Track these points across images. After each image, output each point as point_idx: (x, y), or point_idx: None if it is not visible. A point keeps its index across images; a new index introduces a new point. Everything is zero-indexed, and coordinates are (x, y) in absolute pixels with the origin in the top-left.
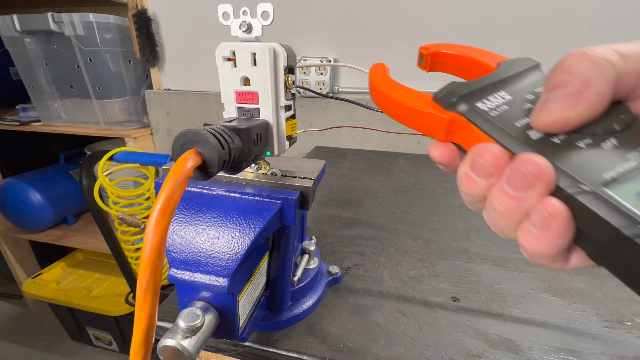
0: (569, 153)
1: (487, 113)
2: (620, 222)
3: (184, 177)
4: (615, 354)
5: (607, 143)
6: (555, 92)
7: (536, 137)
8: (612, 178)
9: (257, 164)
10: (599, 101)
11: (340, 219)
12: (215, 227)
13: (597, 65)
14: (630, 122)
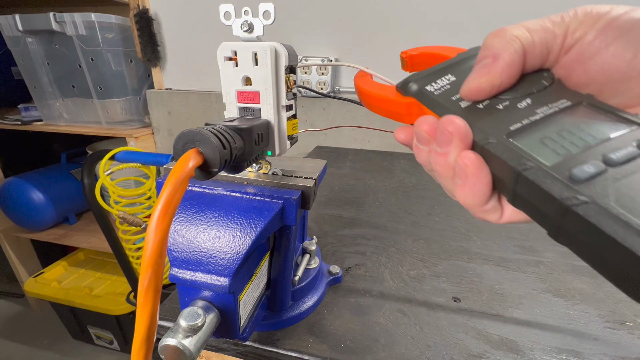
0: (487, 114)
1: (432, 93)
2: (514, 162)
3: (185, 177)
4: (616, 354)
5: (522, 103)
6: (475, 66)
7: (465, 105)
8: (516, 129)
9: (259, 163)
10: (509, 69)
11: (341, 218)
12: (217, 226)
13: (505, 40)
14: (549, 84)
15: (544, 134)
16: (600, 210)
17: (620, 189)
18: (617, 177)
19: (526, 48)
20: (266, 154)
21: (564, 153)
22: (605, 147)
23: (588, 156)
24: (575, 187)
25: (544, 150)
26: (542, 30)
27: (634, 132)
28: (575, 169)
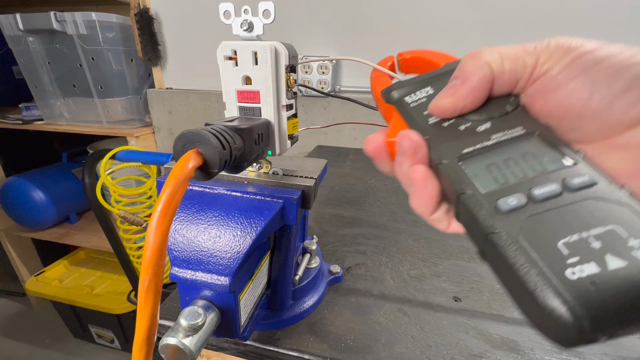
0: (449, 133)
1: (409, 105)
2: (456, 186)
3: (185, 178)
4: (617, 354)
5: (482, 126)
6: (447, 84)
7: (432, 121)
8: (467, 152)
9: (259, 163)
10: (474, 93)
11: (342, 218)
12: (217, 226)
13: (477, 64)
14: (512, 110)
15: (491, 160)
16: (509, 242)
17: (532, 224)
18: (533, 213)
19: (495, 75)
20: (266, 154)
21: (501, 182)
22: (535, 182)
23: (518, 188)
24: (496, 216)
25: (485, 176)
26: (514, 58)
27: (564, 171)
28: (500, 200)
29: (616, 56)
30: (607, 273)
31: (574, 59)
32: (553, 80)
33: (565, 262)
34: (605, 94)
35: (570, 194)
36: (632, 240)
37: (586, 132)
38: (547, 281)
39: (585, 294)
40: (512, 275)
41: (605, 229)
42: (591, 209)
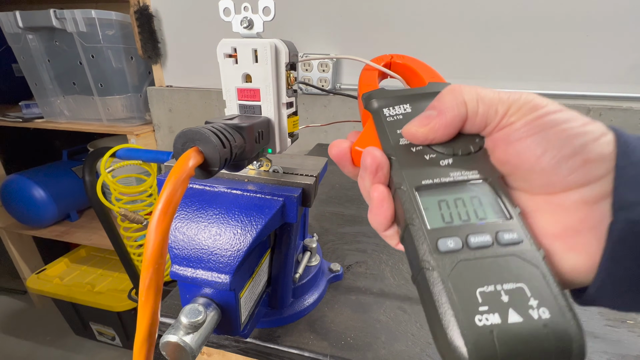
0: (414, 159)
1: (385, 118)
2: (407, 214)
3: (185, 176)
4: (617, 352)
5: (444, 161)
6: (424, 111)
7: (403, 142)
8: (425, 185)
9: (259, 161)
10: (445, 128)
11: (342, 216)
12: (217, 224)
13: (455, 101)
14: (475, 151)
15: (444, 197)
16: (438, 281)
17: (460, 269)
18: (464, 258)
19: (469, 115)
20: (267, 152)
21: (447, 221)
22: (474, 228)
23: (457, 232)
24: (433, 254)
25: (434, 212)
26: (489, 103)
27: (500, 223)
28: (440, 240)
29: (571, 122)
30: (505, 325)
31: (537, 117)
32: (515, 133)
33: (477, 309)
34: (554, 155)
35: (498, 247)
36: (533, 300)
37: (533, 185)
38: (458, 323)
39: (483, 340)
40: (432, 308)
41: (515, 286)
42: (510, 265)
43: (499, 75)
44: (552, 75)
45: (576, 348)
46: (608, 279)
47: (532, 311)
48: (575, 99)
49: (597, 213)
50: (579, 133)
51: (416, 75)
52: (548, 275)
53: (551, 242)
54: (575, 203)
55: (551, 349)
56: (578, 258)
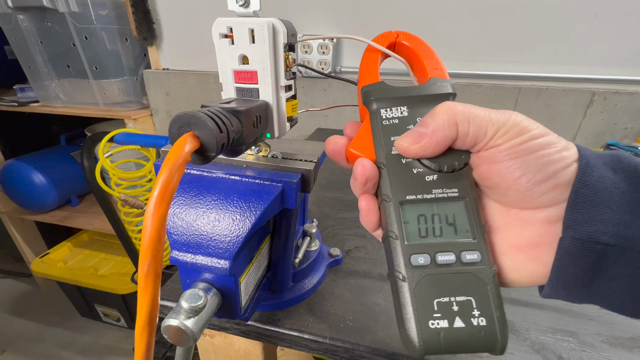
0: (402, 172)
1: (382, 120)
2: (390, 226)
3: (181, 162)
4: (611, 334)
5: (430, 177)
6: (416, 127)
7: (395, 152)
8: (409, 200)
9: (257, 146)
10: (435, 147)
11: (342, 201)
12: (216, 210)
13: (447, 122)
14: (459, 168)
15: (424, 211)
16: (406, 289)
17: (425, 281)
18: (430, 273)
19: (459, 136)
20: (265, 136)
21: (422, 235)
22: (442, 247)
23: (429, 249)
24: (406, 266)
25: (413, 226)
26: (479, 125)
27: (465, 243)
28: (413, 256)
29: (550, 147)
30: (451, 329)
31: (521, 142)
32: (499, 154)
33: (432, 315)
34: (530, 178)
35: (459, 265)
36: (476, 311)
37: (508, 200)
38: (416, 325)
39: (432, 339)
40: (400, 308)
41: (465, 299)
42: (465, 281)
43: (503, 58)
44: (557, 58)
45: (499, 347)
46: (558, 282)
47: (473, 319)
48: (580, 82)
49: (556, 230)
50: (555, 160)
51: (420, 63)
52: (494, 291)
53: (515, 253)
54: (540, 221)
55: (481, 347)
56: (537, 267)
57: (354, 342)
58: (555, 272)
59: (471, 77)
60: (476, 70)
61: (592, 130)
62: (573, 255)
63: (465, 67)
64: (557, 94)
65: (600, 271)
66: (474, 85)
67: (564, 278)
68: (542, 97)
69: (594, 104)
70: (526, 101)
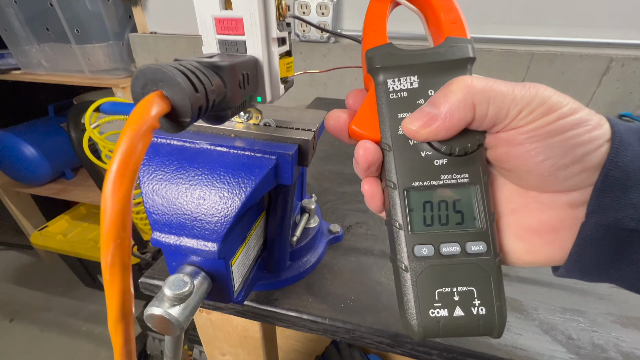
0: (409, 155)
1: (388, 93)
2: (393, 213)
3: (146, 128)
4: (621, 314)
5: (439, 161)
6: (427, 106)
7: (401, 132)
8: (415, 187)
9: (247, 112)
10: (448, 131)
11: (342, 175)
12: (200, 186)
13: (463, 103)
14: (472, 151)
15: (430, 198)
16: (407, 278)
17: (428, 272)
18: (433, 264)
19: (476, 118)
20: (255, 101)
21: (427, 224)
22: (447, 237)
23: (433, 239)
24: (409, 256)
25: (418, 214)
26: (500, 104)
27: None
28: (417, 246)
29: (580, 127)
30: (450, 317)
31: (547, 123)
32: (521, 136)
33: (433, 304)
34: (555, 162)
35: (464, 256)
36: (477, 300)
37: (527, 183)
38: (416, 313)
39: (431, 326)
40: (401, 295)
41: (467, 289)
42: (469, 272)
43: (517, 20)
44: (573, 21)
45: (496, 333)
46: (575, 266)
47: (473, 308)
48: (597, 47)
49: (578, 214)
50: (584, 141)
51: (436, 15)
52: (496, 280)
53: (530, 236)
54: (561, 205)
55: (479, 333)
56: (553, 251)
57: (355, 322)
58: (573, 256)
59: (481, 42)
60: (487, 34)
61: (606, 99)
62: (595, 242)
63: (475, 31)
64: (572, 60)
65: (622, 256)
66: (484, 50)
67: (582, 262)
68: (556, 64)
69: (611, 71)
70: (538, 68)
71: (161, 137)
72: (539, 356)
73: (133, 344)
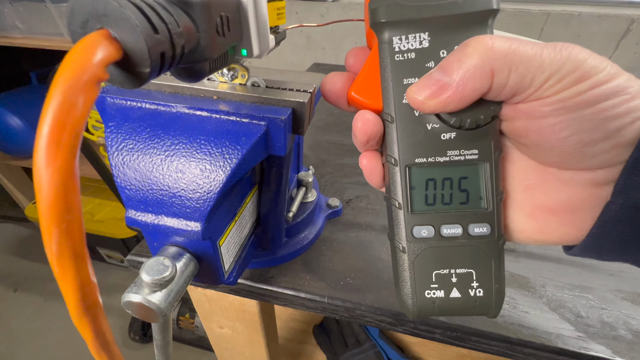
0: (414, 128)
1: (394, 53)
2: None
3: (88, 79)
4: (632, 290)
5: (447, 135)
6: (437, 72)
7: (406, 101)
8: (418, 163)
9: (231, 69)
10: (460, 102)
11: (342, 146)
12: (178, 157)
13: (481, 71)
14: (484, 124)
15: (434, 175)
16: (405, 259)
17: (426, 254)
18: (433, 245)
19: (493, 88)
20: (240, 54)
21: (429, 203)
22: (449, 218)
23: (434, 220)
24: (408, 237)
25: (420, 192)
26: (524, 71)
27: (476, 214)
28: (416, 227)
29: (616, 97)
30: (446, 299)
31: (578, 93)
32: (545, 108)
33: (429, 285)
34: (582, 138)
35: (466, 238)
36: (475, 282)
37: (546, 159)
38: (412, 293)
39: (426, 306)
40: (397, 275)
41: (466, 271)
42: (470, 254)
43: None
44: None
45: (492, 314)
46: (592, 247)
47: (471, 290)
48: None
49: (602, 194)
50: (619, 113)
51: None
52: (497, 263)
53: (545, 215)
54: (582, 183)
55: (474, 313)
56: (568, 231)
57: (354, 301)
58: (592, 237)
59: None
60: None
61: (622, 65)
62: (619, 224)
63: None
64: (589, 21)
65: None
66: None
67: (601, 243)
68: (572, 25)
69: (630, 33)
70: (553, 30)
71: (130, 99)
72: (546, 334)
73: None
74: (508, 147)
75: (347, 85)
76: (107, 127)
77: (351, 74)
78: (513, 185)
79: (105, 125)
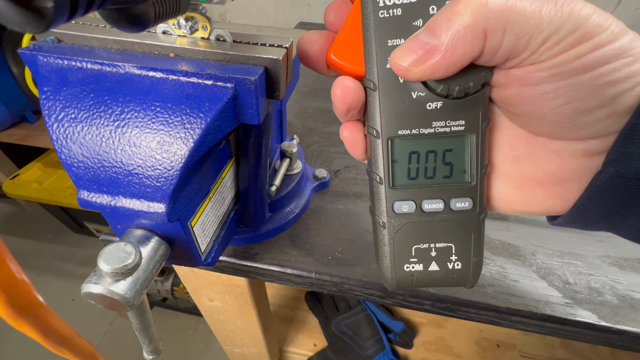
0: (397, 96)
1: (378, 9)
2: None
3: None
4: (619, 256)
5: (433, 104)
6: (423, 33)
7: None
8: (401, 135)
9: (189, 19)
10: (448, 68)
11: (329, 112)
12: (130, 128)
13: (472, 32)
14: (474, 92)
15: (418, 148)
16: (385, 234)
17: (407, 229)
18: (414, 220)
19: (485, 51)
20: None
21: (412, 177)
22: (432, 192)
23: (417, 194)
24: (386, 214)
25: (402, 166)
26: (520, 32)
27: (458, 188)
28: (397, 202)
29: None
30: (425, 272)
31: (577, 56)
32: (540, 74)
33: (409, 259)
34: (577, 107)
35: (447, 213)
36: (454, 256)
37: (537, 129)
38: (391, 267)
39: (404, 279)
40: (377, 248)
41: (445, 245)
42: (450, 227)
43: None
44: None
45: (468, 284)
46: (577, 217)
47: (449, 263)
48: None
49: (592, 165)
50: (619, 78)
51: None
52: (477, 237)
53: (532, 187)
54: (573, 154)
55: (451, 284)
56: (554, 202)
57: (343, 275)
58: (577, 207)
59: None
60: None
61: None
62: (607, 194)
63: None
64: None
65: (631, 208)
66: None
67: (586, 214)
68: None
69: None
70: None
71: (69, 57)
72: (535, 302)
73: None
74: (497, 116)
75: (327, 46)
76: (41, 92)
77: (331, 33)
78: (500, 156)
79: (40, 91)
